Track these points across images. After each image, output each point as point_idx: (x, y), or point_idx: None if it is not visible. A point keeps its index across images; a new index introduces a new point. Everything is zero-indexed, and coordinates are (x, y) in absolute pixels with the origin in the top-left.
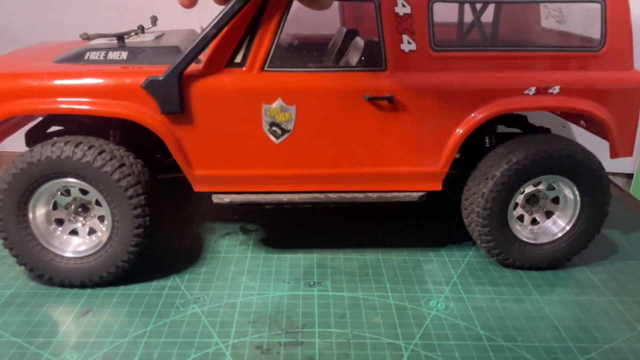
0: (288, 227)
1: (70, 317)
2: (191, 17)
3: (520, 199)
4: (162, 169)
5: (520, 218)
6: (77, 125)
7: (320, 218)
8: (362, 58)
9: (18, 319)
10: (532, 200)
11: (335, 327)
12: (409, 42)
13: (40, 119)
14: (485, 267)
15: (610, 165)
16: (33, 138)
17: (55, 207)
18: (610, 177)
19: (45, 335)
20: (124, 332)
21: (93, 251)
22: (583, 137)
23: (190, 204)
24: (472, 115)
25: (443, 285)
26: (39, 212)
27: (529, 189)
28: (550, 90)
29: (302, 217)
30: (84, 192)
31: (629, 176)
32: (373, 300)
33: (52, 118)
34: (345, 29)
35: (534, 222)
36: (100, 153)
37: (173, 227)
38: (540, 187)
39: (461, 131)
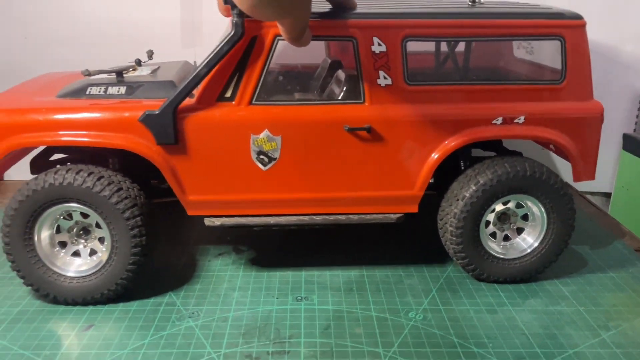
0: (278, 247)
1: (73, 332)
2: (184, 50)
3: (491, 217)
4: (158, 193)
5: (494, 235)
6: (79, 153)
7: (308, 238)
8: (343, 91)
9: (25, 334)
10: (503, 217)
11: (320, 337)
12: (385, 78)
13: (43, 147)
14: (463, 281)
15: (588, 185)
16: (37, 166)
17: (58, 230)
18: (589, 196)
19: (51, 348)
20: (124, 344)
21: (94, 270)
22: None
23: (185, 226)
24: (446, 142)
25: (422, 298)
26: (43, 236)
27: (499, 207)
28: (515, 120)
29: (290, 238)
30: (85, 215)
31: (607, 195)
32: (356, 312)
33: (54, 147)
34: (329, 60)
35: (506, 238)
36: (99, 179)
37: (169, 248)
38: (510, 205)
39: (435, 157)
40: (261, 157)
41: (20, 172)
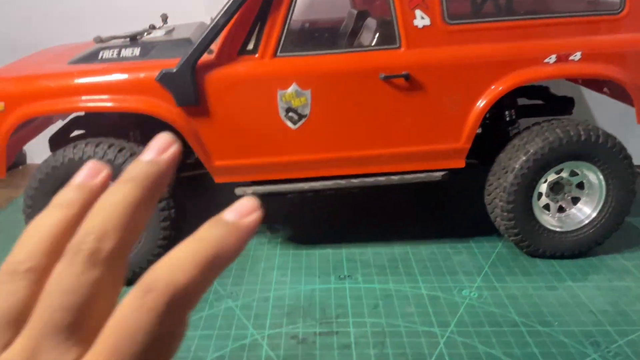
0: (313, 224)
1: None
2: (200, 12)
3: (543, 188)
4: (182, 168)
5: (547, 207)
6: (98, 127)
7: (345, 213)
8: (376, 37)
9: None
10: (556, 188)
11: (369, 317)
12: (422, 18)
13: (62, 124)
14: (516, 257)
15: None
16: (56, 143)
17: None
18: None
19: None
20: None
21: None
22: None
23: (214, 204)
24: (492, 87)
25: (474, 276)
26: None
27: (551, 177)
28: (571, 57)
29: (327, 213)
30: None
31: None
32: (405, 291)
33: (74, 123)
34: (355, 11)
35: (560, 209)
36: (120, 151)
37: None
38: (563, 174)
39: (482, 105)
40: (290, 114)
41: (40, 155)
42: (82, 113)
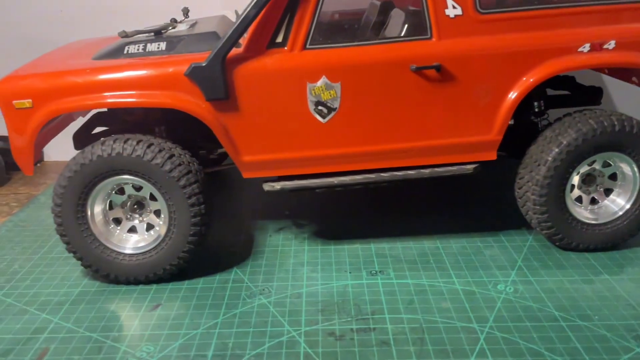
0: (339, 218)
1: (140, 312)
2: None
3: (575, 180)
4: (207, 163)
5: (579, 199)
6: (122, 124)
7: (371, 207)
8: (405, 28)
9: (90, 315)
10: (588, 179)
11: (405, 313)
12: (453, 7)
13: (84, 121)
14: (549, 251)
15: None
16: (81, 140)
17: (111, 207)
18: None
19: (119, 329)
20: (196, 324)
21: (153, 245)
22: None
23: (238, 201)
24: (524, 78)
25: (508, 270)
26: (97, 212)
27: (583, 169)
28: (605, 46)
29: (352, 207)
30: (138, 188)
31: None
32: (439, 286)
33: (96, 119)
34: (378, 2)
35: (593, 202)
36: (149, 146)
37: (225, 224)
38: (595, 165)
39: (514, 96)
40: (320, 107)
41: (61, 152)
42: (104, 109)
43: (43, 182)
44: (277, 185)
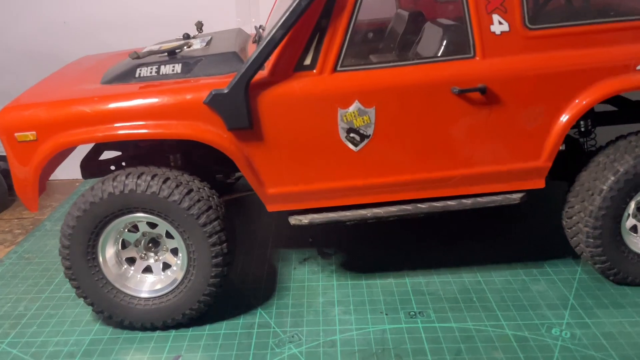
0: (368, 248)
1: None
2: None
3: (631, 208)
4: (224, 190)
5: (634, 229)
6: (133, 148)
7: (403, 237)
8: (443, 46)
9: None
10: None
11: None
12: (500, 23)
13: (91, 146)
14: (602, 285)
15: None
16: (89, 168)
17: (123, 245)
18: None
19: None
20: None
21: (171, 288)
22: None
23: (257, 228)
24: (577, 100)
25: (560, 310)
26: (109, 254)
27: (639, 196)
28: None
29: (382, 237)
30: (152, 225)
31: None
32: (487, 331)
33: (104, 144)
34: (406, 13)
35: None
36: (165, 181)
37: (244, 254)
38: None
39: (566, 119)
40: (352, 135)
41: (66, 171)
42: None
43: (49, 205)
44: (305, 219)
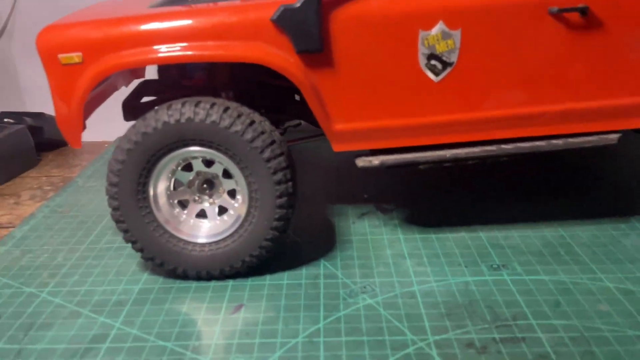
0: (430, 203)
1: (220, 315)
2: None
3: None
4: None
5: None
6: (179, 90)
7: (467, 189)
8: None
9: (159, 319)
10: None
11: (556, 319)
12: None
13: (133, 88)
14: None
15: None
16: (131, 109)
17: (174, 187)
18: None
19: (198, 338)
20: (293, 330)
21: (230, 232)
22: None
23: (307, 181)
24: None
25: None
26: (160, 194)
27: None
28: None
29: (443, 189)
30: (208, 164)
31: None
32: (584, 284)
33: (144, 88)
34: None
35: None
36: (225, 110)
37: (299, 209)
38: None
39: None
40: (433, 62)
41: (94, 131)
42: (154, 77)
43: (77, 164)
44: (375, 160)
